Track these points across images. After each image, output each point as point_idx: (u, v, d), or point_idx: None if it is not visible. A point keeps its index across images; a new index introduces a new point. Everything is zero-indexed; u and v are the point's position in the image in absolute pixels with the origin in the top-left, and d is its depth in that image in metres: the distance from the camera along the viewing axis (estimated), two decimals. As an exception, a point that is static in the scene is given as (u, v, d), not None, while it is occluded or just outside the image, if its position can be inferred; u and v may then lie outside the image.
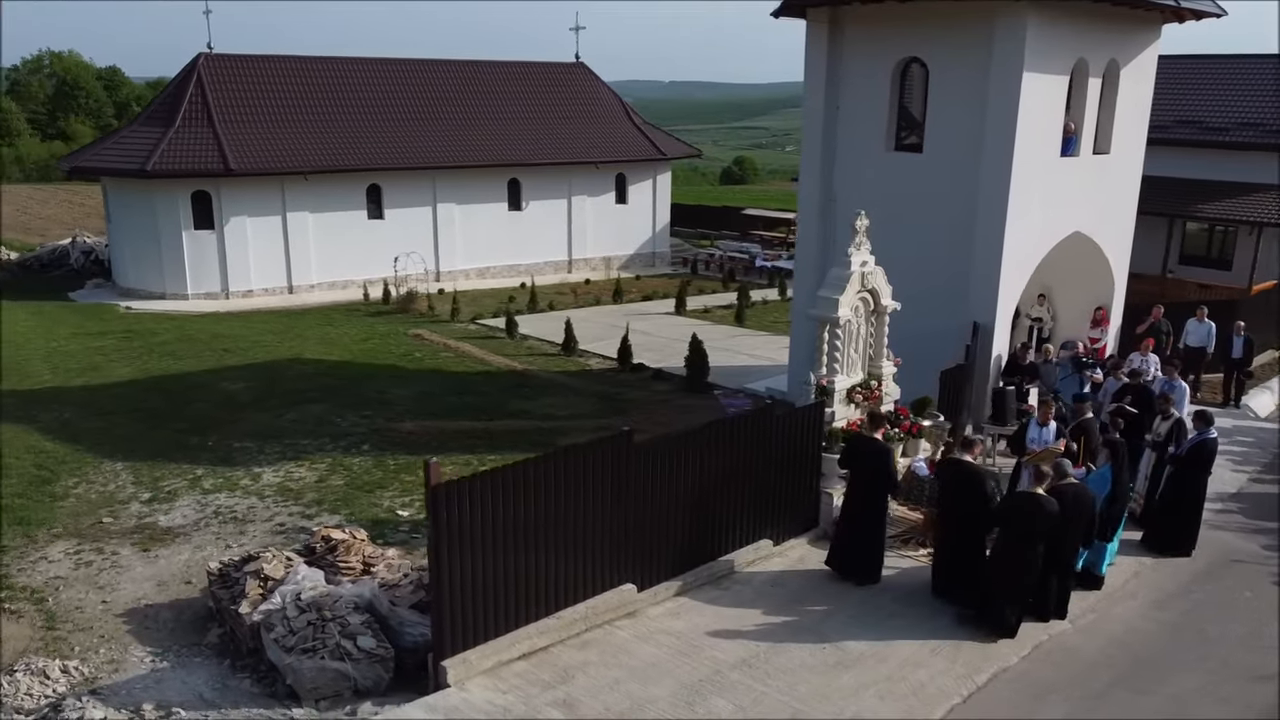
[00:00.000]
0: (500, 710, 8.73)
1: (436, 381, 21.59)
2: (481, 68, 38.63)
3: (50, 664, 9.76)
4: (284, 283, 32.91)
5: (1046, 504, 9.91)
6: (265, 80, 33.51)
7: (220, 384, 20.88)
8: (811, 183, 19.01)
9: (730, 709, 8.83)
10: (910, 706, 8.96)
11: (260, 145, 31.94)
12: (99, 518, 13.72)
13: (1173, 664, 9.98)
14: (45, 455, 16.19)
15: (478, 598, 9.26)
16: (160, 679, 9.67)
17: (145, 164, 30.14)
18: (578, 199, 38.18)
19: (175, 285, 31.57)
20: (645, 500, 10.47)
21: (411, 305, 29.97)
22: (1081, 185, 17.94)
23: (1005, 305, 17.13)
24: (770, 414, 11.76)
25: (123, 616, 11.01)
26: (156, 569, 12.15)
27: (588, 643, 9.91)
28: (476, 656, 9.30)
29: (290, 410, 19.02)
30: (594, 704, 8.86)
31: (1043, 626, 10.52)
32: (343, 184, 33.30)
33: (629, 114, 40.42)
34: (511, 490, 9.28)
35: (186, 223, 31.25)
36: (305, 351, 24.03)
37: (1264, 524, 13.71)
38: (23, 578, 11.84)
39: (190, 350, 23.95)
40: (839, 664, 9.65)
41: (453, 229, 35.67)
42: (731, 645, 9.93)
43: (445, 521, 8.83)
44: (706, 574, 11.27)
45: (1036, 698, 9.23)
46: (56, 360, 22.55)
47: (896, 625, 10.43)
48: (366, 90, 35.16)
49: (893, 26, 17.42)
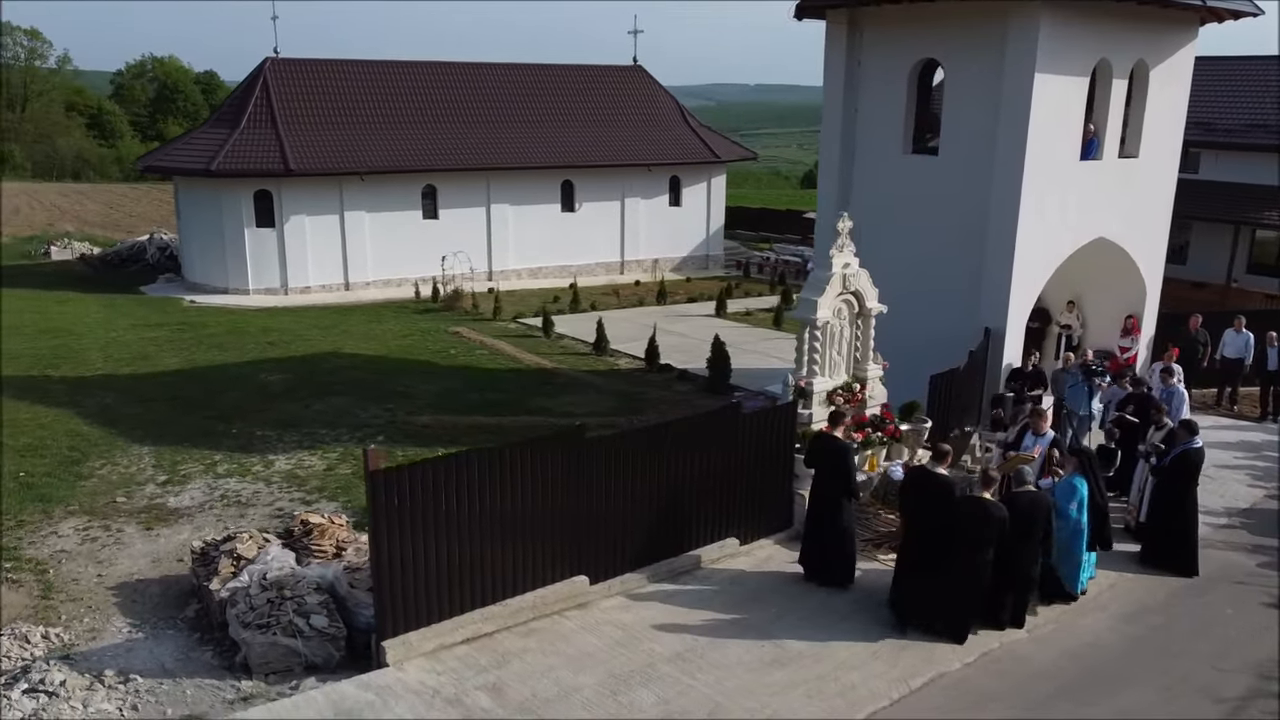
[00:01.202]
0: (430, 690, 9.02)
1: (464, 378, 22.10)
2: (538, 71, 39.27)
3: (34, 630, 10.40)
4: (341, 280, 33.98)
5: (994, 510, 9.79)
6: (327, 83, 34.66)
7: (258, 375, 21.74)
8: (830, 185, 18.95)
9: (652, 700, 8.97)
10: (834, 706, 8.96)
11: (320, 146, 33.05)
12: (114, 497, 14.49)
13: (1126, 678, 9.75)
14: (80, 438, 17.11)
15: (419, 582, 9.57)
16: (131, 648, 10.22)
17: (210, 164, 31.48)
18: (631, 201, 38.51)
19: (238, 281, 32.88)
20: (600, 494, 10.66)
21: (457, 303, 30.66)
22: (1106, 190, 17.50)
23: (1018, 311, 16.83)
24: (737, 413, 11.83)
25: (114, 589, 11.65)
26: (155, 547, 12.80)
27: (533, 631, 10.14)
28: (418, 639, 9.61)
29: (317, 401, 19.72)
30: (521, 689, 9.09)
31: (997, 635, 10.37)
32: (399, 184, 34.23)
33: (685, 117, 40.58)
34: (455, 479, 9.56)
35: (249, 220, 32.53)
36: (345, 346, 24.83)
37: (1267, 541, 13.21)
38: (31, 550, 12.60)
39: (237, 343, 24.96)
40: (775, 662, 9.69)
41: (506, 229, 36.34)
42: (672, 639, 10.05)
43: (384, 507, 9.16)
44: (666, 569, 11.39)
45: (970, 704, 9.13)
46: (111, 350, 23.75)
47: (847, 627, 10.40)
48: (424, 93, 36.08)
49: (910, 28, 17.29)
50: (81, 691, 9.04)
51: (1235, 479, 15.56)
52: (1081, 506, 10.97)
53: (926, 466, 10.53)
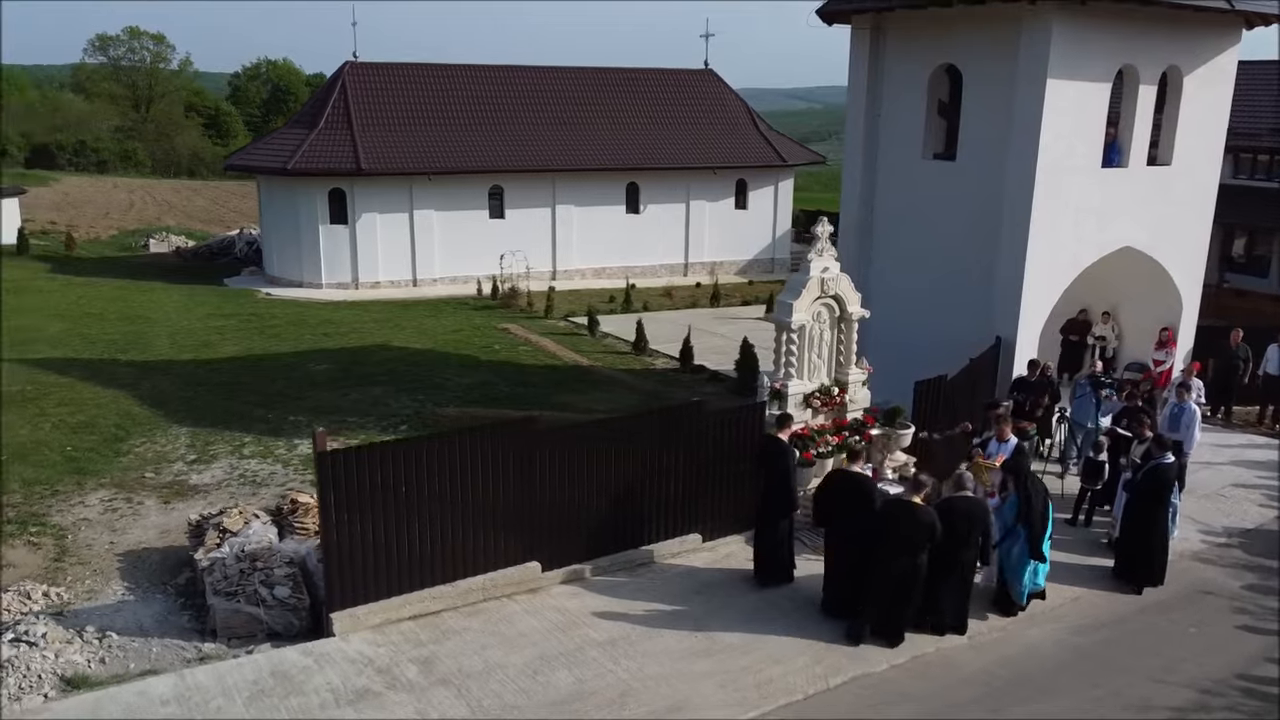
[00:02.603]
0: (364, 660, 9.61)
1: (501, 373, 22.81)
2: (606, 74, 39.91)
3: (36, 588, 11.40)
4: (409, 276, 35.22)
5: (922, 513, 9.86)
6: (400, 86, 35.94)
7: (306, 364, 22.87)
8: (853, 190, 19.00)
9: (569, 680, 9.37)
10: (744, 698, 9.21)
11: (391, 147, 34.33)
12: (143, 473, 15.58)
13: (1054, 688, 9.71)
14: (129, 417, 18.38)
15: (368, 559, 10.17)
16: (119, 609, 11.11)
17: (288, 163, 33.06)
18: (696, 203, 38.81)
19: (311, 275, 34.41)
20: (554, 484, 11.10)
21: (513, 301, 31.49)
22: (1133, 198, 17.12)
23: (1031, 320, 16.61)
24: (700, 412, 12.11)
25: (121, 556, 12.61)
26: (167, 519, 13.77)
27: (479, 611, 10.65)
28: (364, 612, 10.22)
29: (355, 391, 20.68)
30: (450, 664, 9.60)
31: (935, 640, 10.44)
32: (466, 185, 35.29)
33: (754, 120, 40.66)
34: (404, 463, 10.13)
35: (323, 217, 34.02)
36: (395, 339, 25.85)
37: (1261, 562, 12.83)
38: (56, 516, 13.71)
39: (296, 333, 26.25)
40: (702, 652, 9.98)
41: (570, 230, 37.09)
42: (609, 626, 10.43)
43: (332, 486, 9.79)
44: (623, 561, 11.76)
45: (881, 703, 9.26)
46: (178, 337, 25.28)
47: (785, 624, 10.60)
48: (492, 95, 37.07)
49: (931, 33, 17.26)
50: (59, 644, 9.92)
51: (1249, 498, 15.07)
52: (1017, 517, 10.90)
53: (844, 467, 10.65)
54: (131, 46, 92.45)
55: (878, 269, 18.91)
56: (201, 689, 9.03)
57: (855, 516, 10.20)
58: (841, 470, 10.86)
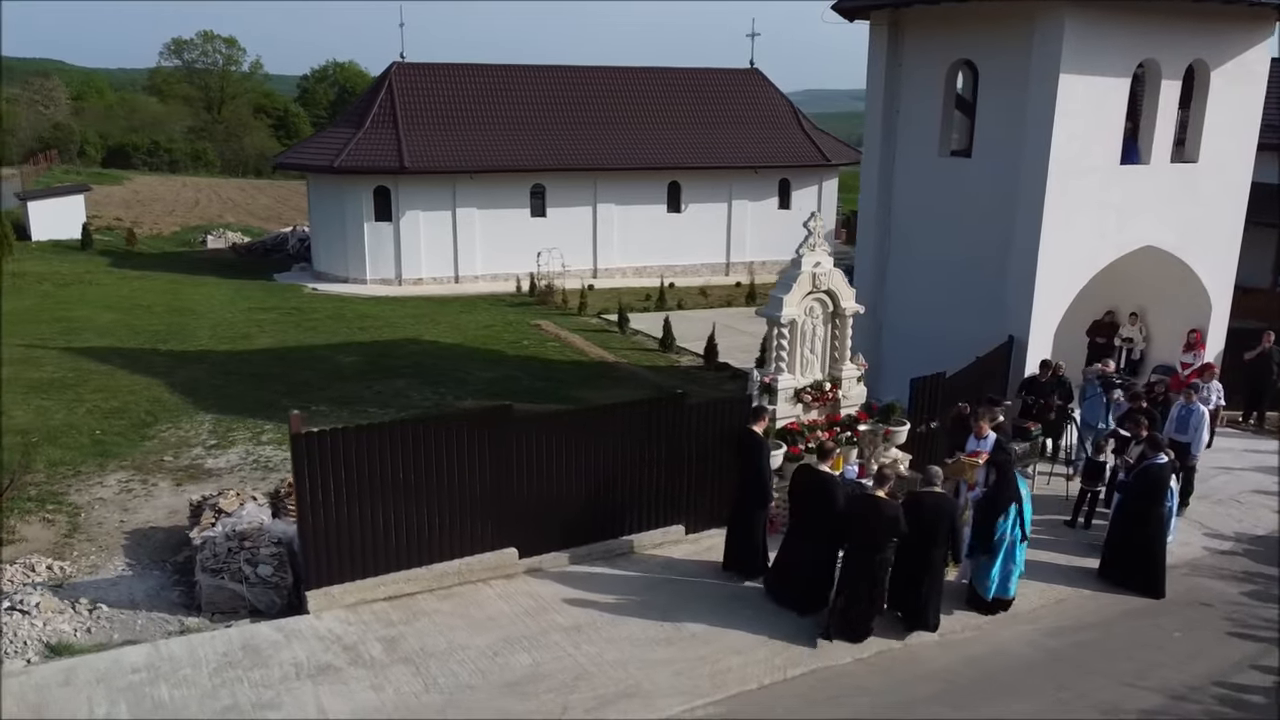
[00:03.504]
0: (333, 637, 9.88)
1: (525, 368, 23.09)
2: (650, 74, 40.07)
3: (42, 561, 11.91)
4: (451, 272, 35.79)
5: (886, 508, 9.80)
6: (445, 86, 36.55)
7: (336, 357, 23.41)
8: (871, 186, 18.88)
9: (526, 662, 9.52)
10: (697, 685, 9.26)
11: (435, 146, 34.93)
12: (163, 456, 16.15)
13: (1018, 688, 9.58)
14: (159, 404, 19.03)
15: (344, 540, 10.44)
16: (115, 584, 11.56)
17: (334, 161, 33.84)
18: (738, 203, 38.77)
19: (356, 271, 35.17)
20: (531, 472, 11.26)
21: (550, 298, 31.80)
22: (1156, 196, 16.75)
23: (1044, 319, 16.35)
24: (681, 405, 12.17)
25: (128, 534, 13.10)
26: (176, 500, 14.24)
27: (453, 595, 10.86)
28: (340, 591, 10.50)
29: (379, 383, 21.12)
30: (414, 643, 9.82)
31: (904, 635, 10.36)
32: (508, 183, 35.75)
33: (799, 120, 40.46)
34: (378, 447, 10.38)
35: (368, 215, 34.75)
36: (427, 334, 26.32)
37: (1264, 570, 12.46)
38: (73, 495, 14.29)
39: (332, 327, 26.87)
40: (664, 641, 10.05)
41: (611, 228, 37.32)
42: (577, 612, 10.55)
43: (307, 468, 10.08)
44: (602, 550, 11.88)
45: (835, 696, 9.23)
46: (219, 329, 26.06)
47: (753, 616, 10.61)
48: (535, 95, 37.49)
49: (948, 29, 17.12)
50: (50, 614, 10.37)
51: (1266, 505, 14.63)
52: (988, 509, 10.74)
53: (810, 463, 10.62)
54: (205, 50, 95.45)
55: (895, 266, 18.77)
56: (173, 659, 9.38)
57: (818, 513, 10.17)
58: (807, 467, 10.84)
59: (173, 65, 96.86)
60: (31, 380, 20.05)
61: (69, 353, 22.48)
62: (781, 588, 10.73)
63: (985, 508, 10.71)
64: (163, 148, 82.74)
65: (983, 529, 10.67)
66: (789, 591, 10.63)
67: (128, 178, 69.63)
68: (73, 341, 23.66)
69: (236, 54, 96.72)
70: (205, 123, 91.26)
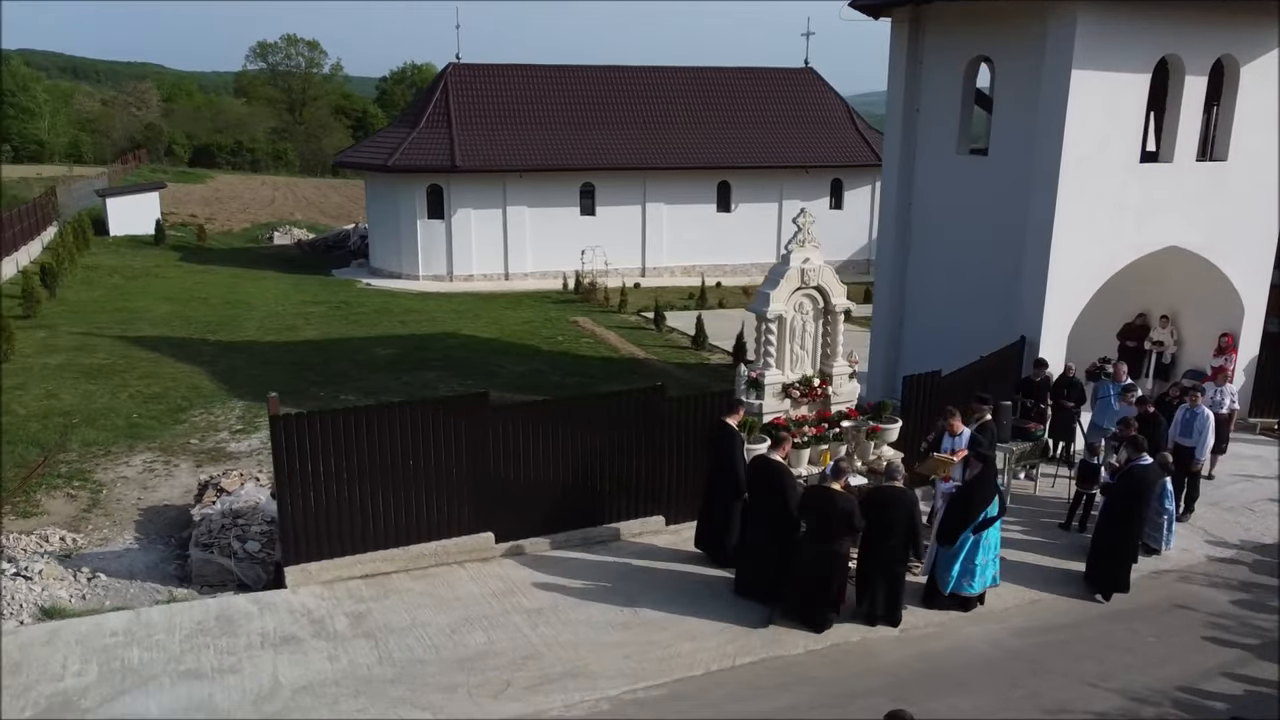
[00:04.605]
0: (304, 610, 10.31)
1: (556, 363, 23.48)
2: (702, 73, 40.21)
3: (56, 533, 12.64)
4: (501, 269, 36.45)
5: (839, 500, 9.84)
6: (498, 86, 37.24)
7: (374, 349, 24.11)
8: (891, 184, 18.80)
9: (480, 640, 9.82)
10: (642, 669, 9.43)
11: (487, 145, 35.63)
12: (190, 439, 16.90)
13: (970, 684, 9.53)
14: (197, 391, 19.89)
15: (321, 519, 10.86)
16: (120, 556, 12.21)
17: (389, 160, 34.74)
18: (789, 203, 38.62)
19: (409, 267, 36.06)
20: (509, 459, 11.56)
21: (592, 295, 32.18)
22: (1180, 195, 16.33)
23: (1057, 319, 16.08)
24: (660, 397, 12.34)
25: (142, 511, 13.80)
26: (193, 481, 14.89)
27: (427, 575, 11.21)
28: (317, 568, 10.94)
29: (409, 374, 21.71)
30: (379, 619, 10.20)
31: (865, 629, 10.38)
32: (558, 182, 36.26)
33: (853, 119, 40.16)
34: (354, 430, 10.79)
35: (421, 212, 35.61)
36: (465, 328, 26.90)
37: (1261, 580, 12.10)
38: (99, 473, 15.07)
39: (375, 320, 27.65)
40: (621, 625, 10.24)
41: (660, 227, 37.56)
42: (542, 595, 10.81)
43: (285, 449, 10.53)
44: (580, 537, 12.12)
45: (781, 685, 9.30)
46: (267, 321, 27.04)
47: (716, 606, 10.72)
48: (588, 95, 37.94)
49: (967, 26, 17.02)
50: (51, 580, 11.03)
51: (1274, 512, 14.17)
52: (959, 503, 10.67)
53: (765, 453, 10.69)
54: (288, 53, 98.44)
55: (916, 263, 18.65)
56: (150, 625, 9.91)
57: (768, 501, 10.27)
58: (761, 456, 10.91)
59: (257, 68, 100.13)
60: (84, 366, 21.13)
61: (122, 341, 23.58)
62: (743, 576, 10.83)
63: (956, 501, 10.65)
64: (245, 147, 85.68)
65: (950, 522, 10.61)
66: (750, 579, 10.72)
67: (210, 176, 72.24)
68: (128, 330, 24.81)
69: (318, 57, 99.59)
70: (287, 123, 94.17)
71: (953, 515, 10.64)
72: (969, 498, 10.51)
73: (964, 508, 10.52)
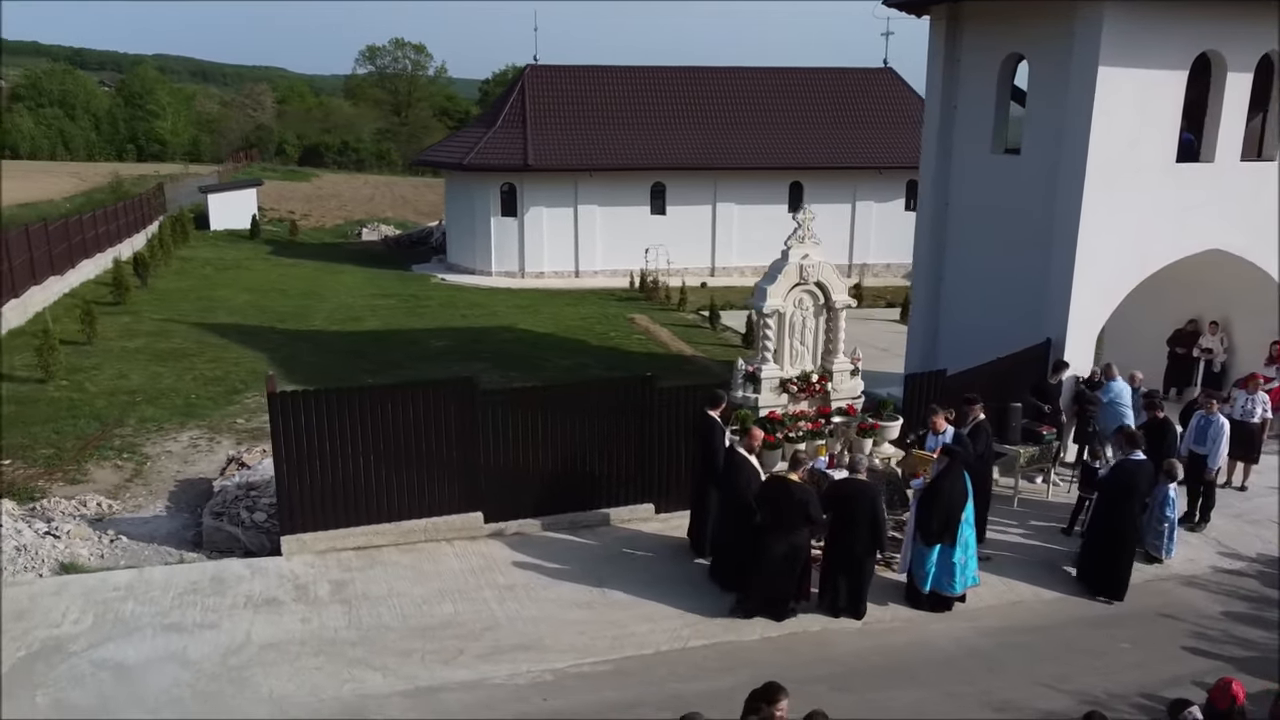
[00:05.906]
0: (291, 576, 10.97)
1: (602, 357, 23.93)
2: (776, 73, 40.15)
3: (93, 498, 13.65)
4: (571, 267, 37.13)
5: (797, 491, 9.96)
6: (573, 87, 37.95)
7: (430, 340, 24.98)
8: (928, 183, 18.65)
9: (448, 611, 10.31)
10: (593, 645, 9.76)
11: (559, 144, 36.35)
12: (237, 419, 17.91)
13: (920, 679, 9.55)
14: (255, 375, 20.94)
15: (316, 491, 11.51)
16: (147, 522, 13.12)
17: (464, 159, 35.79)
18: (862, 204, 38.31)
19: (483, 263, 37.06)
20: (498, 443, 12.02)
21: (655, 294, 32.54)
22: (1223, 197, 15.80)
23: (1084, 321, 15.75)
24: (649, 388, 12.63)
25: (179, 482, 14.75)
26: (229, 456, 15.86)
27: (415, 550, 11.76)
28: (311, 539, 11.59)
29: (458, 364, 22.43)
30: (359, 588, 10.78)
31: (827, 620, 10.48)
32: (629, 181, 36.74)
33: (931, 120, 39.43)
34: (348, 410, 11.40)
35: (495, 210, 36.57)
36: (522, 323, 27.59)
37: (1268, 593, 11.69)
38: (148, 446, 16.14)
39: (438, 313, 28.58)
40: (585, 604, 10.58)
41: (730, 227, 37.69)
42: (518, 573, 11.23)
43: (281, 426, 11.21)
44: (569, 521, 12.50)
45: (725, 669, 9.48)
46: (335, 312, 28.24)
47: (684, 592, 10.95)
48: (660, 95, 38.32)
49: (1003, 23, 16.84)
50: (76, 540, 11.96)
51: (1300, 523, 13.62)
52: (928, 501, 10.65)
53: (734, 444, 10.83)
54: (395, 56, 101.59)
55: (952, 262, 18.46)
56: (150, 583, 10.70)
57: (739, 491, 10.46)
58: (731, 447, 11.08)
59: (366, 71, 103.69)
60: (157, 350, 22.51)
61: (198, 327, 25.00)
62: (716, 563, 11.05)
63: (925, 496, 10.64)
64: (351, 147, 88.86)
65: (921, 519, 10.62)
66: (721, 567, 10.93)
67: (317, 175, 75.27)
68: (206, 318, 26.27)
69: (424, 59, 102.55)
70: (392, 125, 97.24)
71: (924, 511, 10.63)
72: (937, 491, 10.49)
73: (933, 502, 10.51)
